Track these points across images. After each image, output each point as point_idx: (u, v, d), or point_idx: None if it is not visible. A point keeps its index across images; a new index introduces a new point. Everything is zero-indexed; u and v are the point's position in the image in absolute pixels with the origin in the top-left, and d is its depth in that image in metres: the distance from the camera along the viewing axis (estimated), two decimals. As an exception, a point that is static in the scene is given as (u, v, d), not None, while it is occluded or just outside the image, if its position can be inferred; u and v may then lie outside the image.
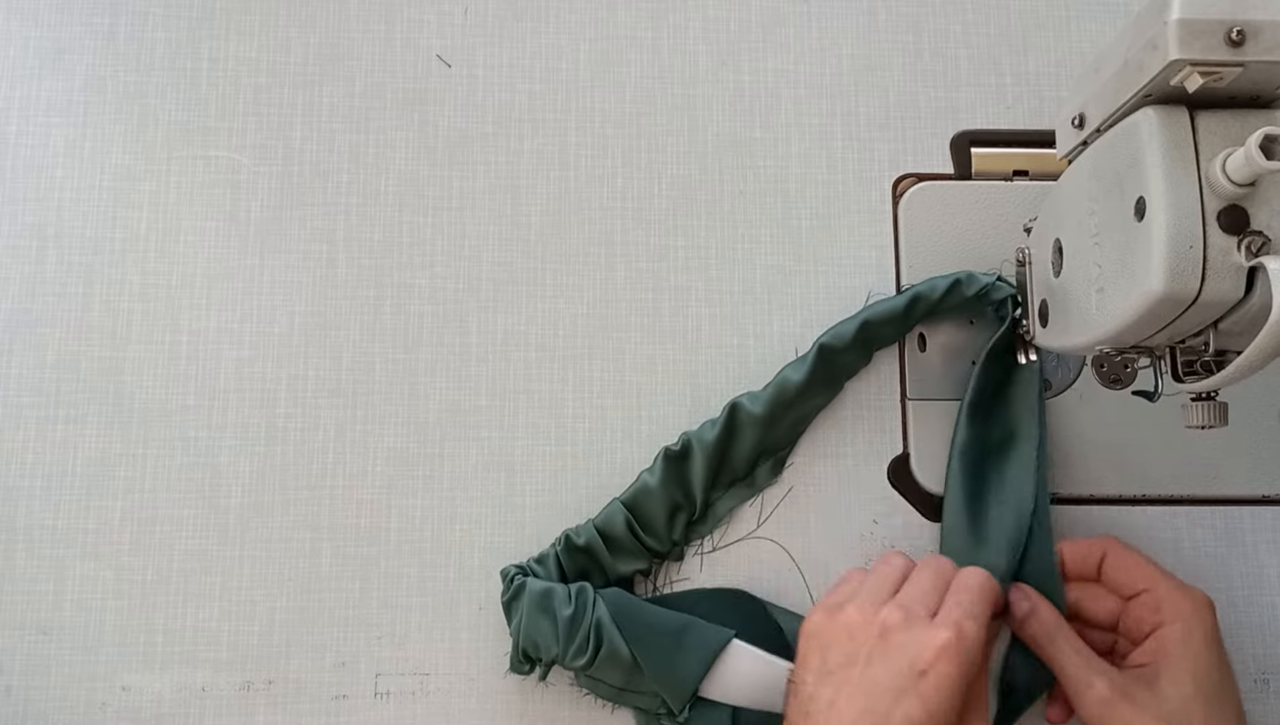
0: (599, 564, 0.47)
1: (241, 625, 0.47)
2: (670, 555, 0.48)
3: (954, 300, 0.49)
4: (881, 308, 0.49)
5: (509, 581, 0.46)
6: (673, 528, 0.47)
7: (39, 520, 0.48)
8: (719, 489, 0.48)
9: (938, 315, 0.50)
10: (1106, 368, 0.50)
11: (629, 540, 0.46)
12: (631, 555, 0.47)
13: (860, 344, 0.49)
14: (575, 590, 0.45)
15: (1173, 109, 0.34)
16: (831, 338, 0.48)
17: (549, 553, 0.47)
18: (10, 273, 0.50)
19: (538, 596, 0.44)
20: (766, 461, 0.49)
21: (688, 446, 0.47)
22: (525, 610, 0.44)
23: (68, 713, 0.46)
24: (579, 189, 0.52)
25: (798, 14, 0.54)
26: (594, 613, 0.44)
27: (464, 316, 0.50)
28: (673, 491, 0.47)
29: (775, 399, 0.47)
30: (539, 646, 0.44)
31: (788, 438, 0.49)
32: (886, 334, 0.49)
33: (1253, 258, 0.32)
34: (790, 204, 0.52)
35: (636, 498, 0.47)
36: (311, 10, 0.53)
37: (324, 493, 0.48)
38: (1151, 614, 0.42)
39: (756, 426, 0.47)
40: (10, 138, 0.51)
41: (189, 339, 0.50)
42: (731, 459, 0.48)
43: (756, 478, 0.49)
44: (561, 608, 0.44)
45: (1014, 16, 0.54)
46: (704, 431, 0.48)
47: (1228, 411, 0.38)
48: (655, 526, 0.47)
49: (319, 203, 0.51)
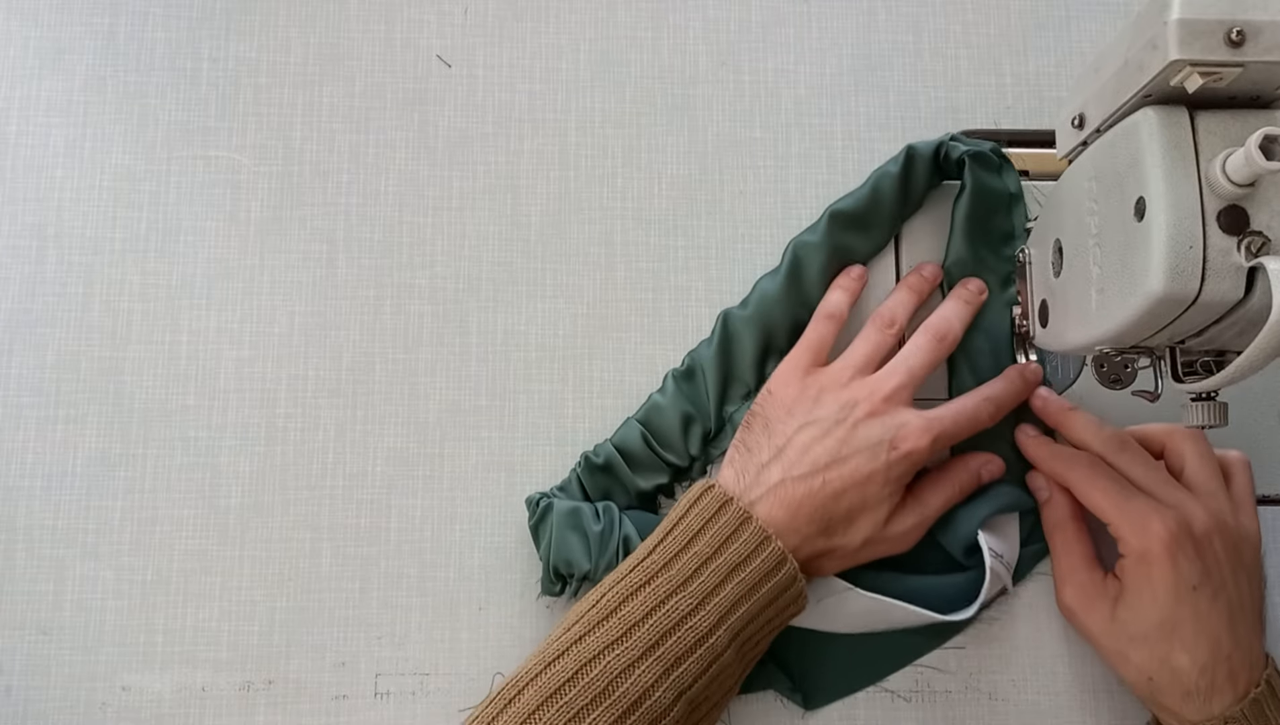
0: (620, 481, 0.47)
1: (241, 625, 0.47)
2: (692, 471, 0.48)
3: (918, 175, 0.49)
4: (847, 201, 0.50)
5: (534, 505, 0.46)
6: (688, 441, 0.48)
7: (39, 520, 0.48)
8: (732, 402, 0.49)
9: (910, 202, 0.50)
10: (1106, 368, 0.50)
11: (647, 455, 0.47)
12: (651, 470, 0.47)
13: (830, 244, 0.49)
14: (602, 507, 0.46)
15: (1173, 109, 0.34)
16: (797, 243, 0.49)
17: (570, 477, 0.48)
18: (10, 273, 0.50)
19: (566, 515, 0.45)
20: (773, 363, 0.49)
21: (690, 363, 0.49)
22: (554, 529, 0.45)
23: (68, 713, 0.46)
24: (579, 189, 0.52)
25: (798, 14, 0.54)
26: (622, 528, 0.45)
27: (464, 316, 0.50)
28: (684, 406, 0.48)
29: (757, 299, 0.49)
30: (570, 563, 0.45)
31: (787, 336, 0.49)
32: (866, 226, 0.50)
33: (1253, 258, 0.32)
34: (790, 204, 0.52)
35: (649, 415, 0.48)
36: (311, 10, 0.53)
37: (324, 493, 0.48)
38: (1172, 458, 0.46)
39: (749, 325, 0.48)
40: (10, 138, 0.51)
41: (189, 339, 0.50)
42: (736, 366, 0.49)
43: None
44: (590, 524, 0.45)
45: (1014, 16, 0.54)
46: (702, 348, 0.49)
47: (1228, 411, 0.38)
48: (671, 440, 0.48)
49: (319, 203, 0.51)
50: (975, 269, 0.49)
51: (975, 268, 0.49)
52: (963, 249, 0.49)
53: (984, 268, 0.49)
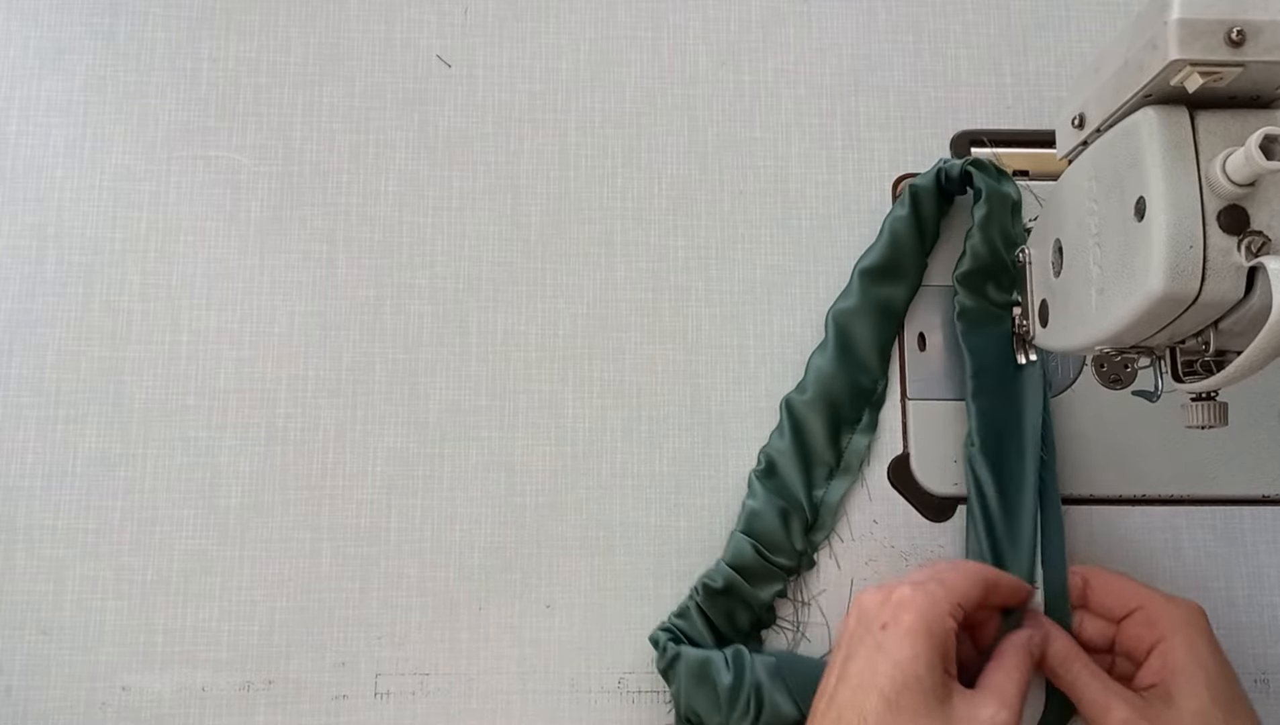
0: (741, 598, 0.46)
1: (241, 625, 0.47)
2: (801, 567, 0.48)
3: (927, 208, 0.49)
4: (870, 256, 0.50)
5: (662, 649, 0.46)
6: (791, 537, 0.47)
7: (39, 520, 0.48)
8: (818, 486, 0.48)
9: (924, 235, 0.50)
10: (1106, 368, 0.50)
11: (761, 565, 0.46)
12: (767, 580, 0.47)
13: (869, 302, 0.49)
14: (731, 655, 0.45)
15: (1173, 109, 0.34)
16: (836, 312, 0.49)
17: (688, 605, 0.47)
18: (10, 273, 0.50)
19: (695, 666, 0.45)
20: (848, 436, 0.49)
21: (767, 458, 0.48)
22: (683, 681, 0.45)
23: (68, 713, 0.46)
24: (579, 189, 0.52)
25: (798, 14, 0.54)
26: (753, 675, 0.44)
27: (464, 316, 0.50)
28: (777, 502, 0.47)
29: (814, 379, 0.49)
30: (701, 715, 0.44)
31: (852, 407, 0.49)
32: (896, 275, 0.50)
33: (1253, 258, 0.32)
34: (790, 204, 0.52)
35: (750, 523, 0.47)
36: (311, 10, 0.53)
37: (324, 493, 0.48)
38: (1149, 631, 0.42)
39: (814, 407, 0.48)
40: (10, 138, 0.51)
41: (189, 339, 0.50)
42: (812, 450, 0.48)
43: (848, 459, 0.49)
44: (720, 675, 0.44)
45: (1014, 16, 0.54)
46: (774, 440, 0.49)
47: (1228, 411, 0.38)
48: (777, 541, 0.47)
49: (319, 203, 0.51)
50: (995, 270, 0.49)
51: (995, 269, 0.49)
52: (982, 249, 0.49)
53: (1002, 270, 0.49)
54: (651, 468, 0.49)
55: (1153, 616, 0.42)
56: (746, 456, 0.49)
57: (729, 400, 0.50)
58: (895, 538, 0.49)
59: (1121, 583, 0.44)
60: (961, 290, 0.49)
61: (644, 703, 0.47)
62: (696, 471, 0.49)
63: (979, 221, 0.49)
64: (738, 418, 0.50)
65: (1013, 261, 0.49)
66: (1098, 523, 0.49)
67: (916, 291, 0.50)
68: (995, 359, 0.49)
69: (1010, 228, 0.49)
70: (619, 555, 0.48)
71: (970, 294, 0.49)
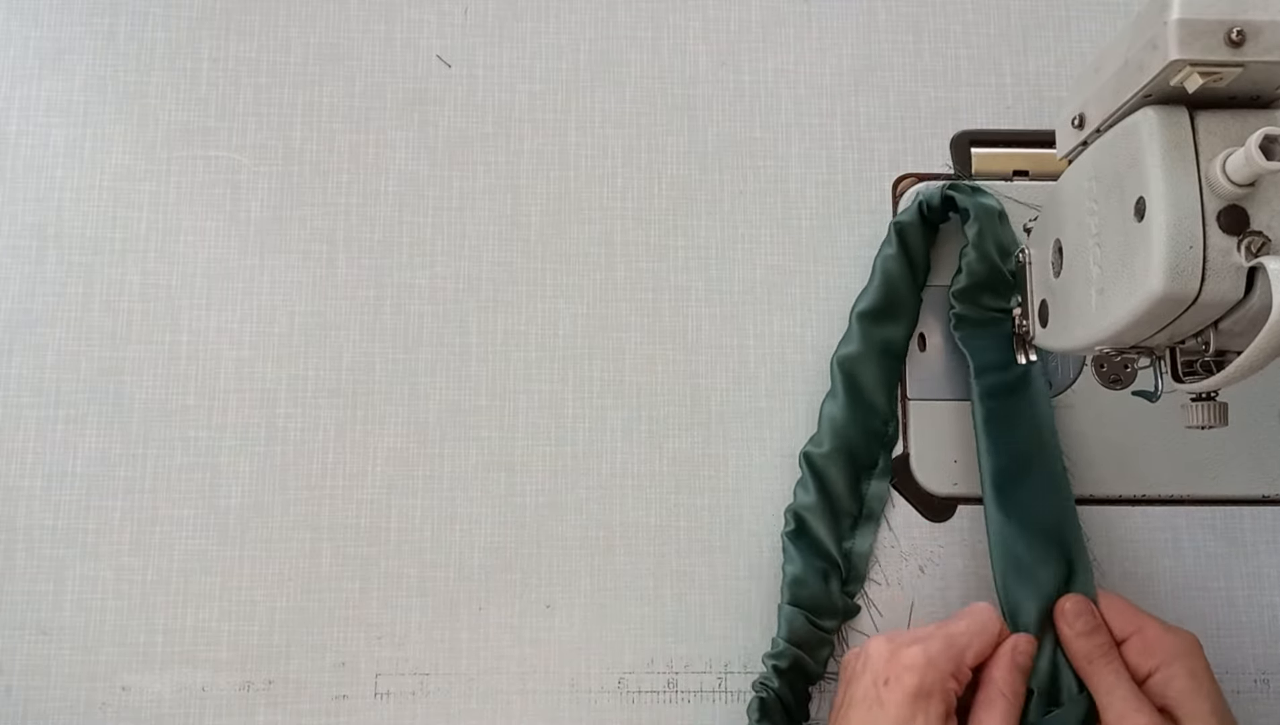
0: (805, 671, 0.47)
1: (241, 625, 0.47)
2: (846, 620, 0.48)
3: (915, 242, 0.50)
4: (865, 298, 0.50)
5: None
6: (832, 597, 0.47)
7: (39, 520, 0.48)
8: (846, 538, 0.48)
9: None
10: (1106, 368, 0.50)
11: (814, 634, 0.47)
12: (821, 646, 0.47)
13: (870, 345, 0.49)
14: None
15: (1173, 109, 0.34)
16: (840, 358, 0.49)
17: (752, 702, 0.46)
18: (10, 273, 0.50)
19: None
20: (867, 482, 0.49)
21: (796, 517, 0.48)
22: None
23: (68, 713, 0.46)
24: (579, 189, 0.52)
25: (798, 14, 0.54)
26: None
27: (464, 316, 0.50)
28: (813, 562, 0.47)
29: (829, 430, 0.48)
30: None
31: (867, 452, 0.49)
32: (894, 315, 0.49)
33: (1253, 258, 0.32)
34: (790, 204, 0.52)
35: (795, 593, 0.47)
36: (311, 10, 0.53)
37: (324, 493, 0.48)
38: (1145, 658, 0.42)
39: (833, 460, 0.48)
40: (10, 138, 0.51)
41: (189, 339, 0.50)
42: (836, 502, 0.48)
43: (869, 506, 0.49)
44: None
45: (1014, 16, 0.54)
46: (799, 495, 0.48)
47: (1228, 411, 0.38)
48: (823, 605, 0.47)
49: (319, 203, 0.51)
50: (992, 282, 0.49)
51: (991, 281, 0.49)
52: (979, 266, 0.48)
53: (999, 281, 0.49)
54: (651, 468, 0.49)
55: (1149, 643, 0.42)
56: (747, 456, 0.49)
57: (729, 400, 0.50)
58: (895, 538, 0.49)
59: (1123, 606, 0.44)
60: (958, 304, 0.49)
61: (644, 703, 0.47)
62: (696, 471, 0.49)
63: (973, 239, 0.48)
64: (738, 418, 0.50)
65: (1014, 263, 0.49)
66: (1098, 523, 0.49)
67: (915, 325, 0.50)
68: (997, 358, 0.49)
69: (1003, 236, 0.49)
70: (619, 555, 0.48)
71: (967, 306, 0.49)
